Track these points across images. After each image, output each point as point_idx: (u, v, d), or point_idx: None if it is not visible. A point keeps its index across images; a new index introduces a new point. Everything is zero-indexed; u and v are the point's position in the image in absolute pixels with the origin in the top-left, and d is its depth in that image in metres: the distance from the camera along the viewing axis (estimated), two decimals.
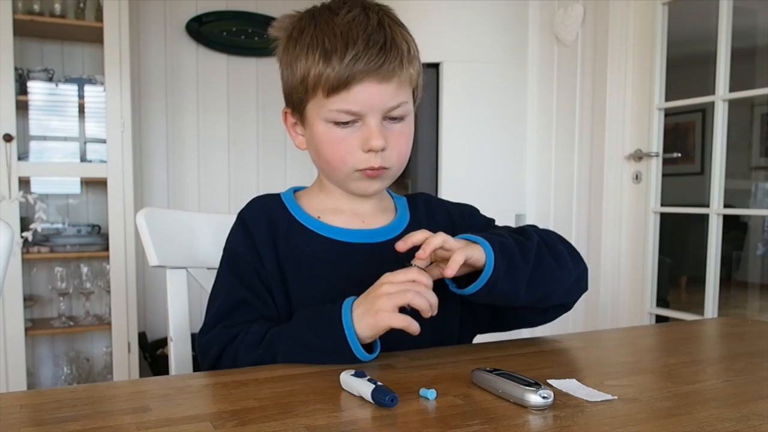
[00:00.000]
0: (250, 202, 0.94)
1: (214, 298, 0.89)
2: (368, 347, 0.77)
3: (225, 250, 0.91)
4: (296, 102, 0.87)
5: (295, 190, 0.97)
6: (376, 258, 0.88)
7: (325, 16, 0.83)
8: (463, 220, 0.98)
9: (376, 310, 0.74)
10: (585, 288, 0.92)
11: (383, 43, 0.81)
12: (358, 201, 0.92)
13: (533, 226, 0.92)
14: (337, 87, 0.80)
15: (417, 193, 1.02)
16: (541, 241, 0.85)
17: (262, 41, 3.21)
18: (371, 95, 0.81)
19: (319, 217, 0.91)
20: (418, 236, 0.77)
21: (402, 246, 0.77)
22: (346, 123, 0.83)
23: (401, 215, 0.95)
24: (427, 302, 0.74)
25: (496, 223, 1.00)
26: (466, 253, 0.76)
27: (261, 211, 0.91)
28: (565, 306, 0.92)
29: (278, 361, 0.77)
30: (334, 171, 0.87)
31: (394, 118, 0.85)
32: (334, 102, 0.82)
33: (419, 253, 0.76)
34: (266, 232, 0.89)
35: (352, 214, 0.92)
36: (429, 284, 0.75)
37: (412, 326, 0.74)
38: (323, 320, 0.77)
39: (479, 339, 0.97)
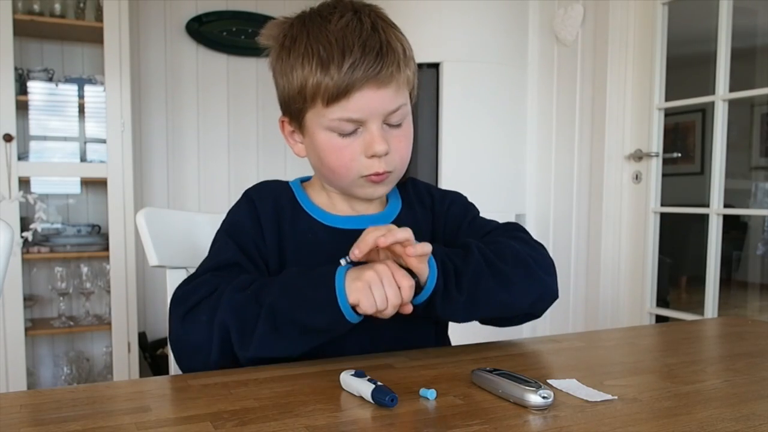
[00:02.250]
0: (258, 183, 0.94)
1: (208, 257, 0.87)
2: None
3: (224, 222, 0.90)
4: (294, 111, 0.86)
5: (302, 180, 0.98)
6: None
7: (317, 22, 0.82)
8: (442, 207, 0.97)
9: (366, 279, 0.72)
10: (548, 299, 0.88)
11: (379, 48, 0.80)
12: (359, 201, 0.92)
13: (488, 236, 0.89)
14: (337, 96, 0.80)
15: (407, 178, 1.01)
16: (482, 262, 0.81)
17: None
18: (371, 101, 0.81)
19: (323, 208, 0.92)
20: (400, 235, 0.74)
21: (384, 242, 0.73)
22: (348, 133, 0.83)
23: (393, 201, 0.96)
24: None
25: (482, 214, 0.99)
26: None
27: (269, 191, 0.92)
28: (529, 315, 0.90)
29: (262, 312, 0.74)
30: (339, 178, 0.87)
31: (394, 123, 0.85)
32: (334, 111, 0.81)
33: (355, 252, 0.74)
34: (272, 210, 0.89)
35: (351, 209, 0.93)
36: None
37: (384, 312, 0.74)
38: (317, 274, 0.75)
39: (479, 339, 0.97)
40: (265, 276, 0.85)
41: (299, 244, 0.88)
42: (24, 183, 2.58)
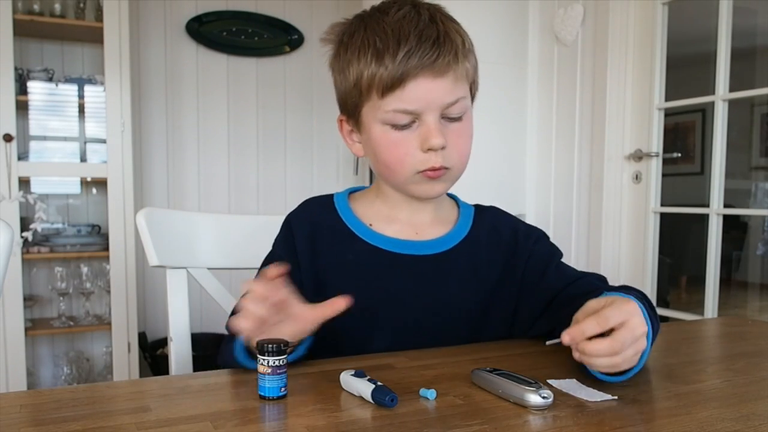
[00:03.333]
0: (301, 203, 0.94)
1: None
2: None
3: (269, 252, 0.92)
4: (351, 107, 0.85)
5: (353, 190, 0.96)
6: (421, 271, 0.87)
7: (375, 17, 0.81)
8: (527, 243, 0.94)
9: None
10: None
11: (436, 37, 0.78)
12: (416, 209, 0.90)
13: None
14: (392, 86, 0.78)
15: (490, 206, 0.99)
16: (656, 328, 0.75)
17: (262, 41, 3.21)
18: (427, 91, 0.78)
19: (371, 225, 0.89)
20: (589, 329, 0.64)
21: (567, 340, 0.66)
22: (403, 126, 0.81)
23: (460, 226, 0.92)
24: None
25: (563, 259, 0.94)
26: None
27: (306, 213, 0.91)
28: None
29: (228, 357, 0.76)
30: (394, 174, 0.84)
31: (452, 117, 0.82)
32: (389, 102, 0.79)
33: (566, 339, 0.66)
34: (308, 234, 0.88)
35: (408, 223, 0.90)
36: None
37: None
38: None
39: None
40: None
41: (339, 265, 0.87)
42: (24, 183, 2.58)
